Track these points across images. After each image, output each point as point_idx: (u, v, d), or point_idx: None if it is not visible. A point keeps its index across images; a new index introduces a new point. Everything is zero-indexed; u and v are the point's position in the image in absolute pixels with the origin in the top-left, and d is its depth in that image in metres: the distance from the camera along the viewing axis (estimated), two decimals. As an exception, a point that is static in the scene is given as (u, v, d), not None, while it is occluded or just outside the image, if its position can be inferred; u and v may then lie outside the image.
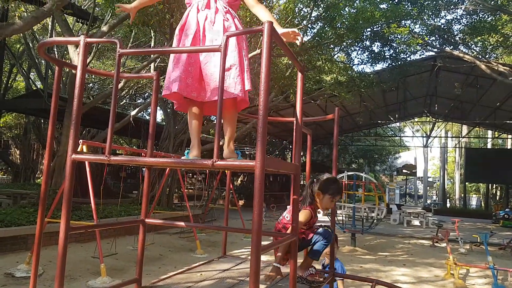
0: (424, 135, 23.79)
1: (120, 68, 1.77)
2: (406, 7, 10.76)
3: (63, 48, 13.30)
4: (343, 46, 11.40)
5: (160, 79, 2.54)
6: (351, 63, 13.29)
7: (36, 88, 13.12)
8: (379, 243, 9.09)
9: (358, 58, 13.95)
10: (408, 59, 12.87)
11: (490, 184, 24.32)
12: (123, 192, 9.89)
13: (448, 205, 26.19)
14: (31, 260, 4.56)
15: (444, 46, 12.42)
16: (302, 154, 2.65)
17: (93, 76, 15.80)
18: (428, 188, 31.45)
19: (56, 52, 13.72)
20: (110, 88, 12.66)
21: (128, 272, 4.98)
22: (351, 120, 19.71)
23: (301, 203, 2.32)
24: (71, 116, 1.82)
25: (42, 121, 15.28)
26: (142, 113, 13.45)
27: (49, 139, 2.30)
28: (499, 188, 26.63)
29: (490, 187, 25.23)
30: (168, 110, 11.67)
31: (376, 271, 6.07)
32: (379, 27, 10.59)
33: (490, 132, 24.67)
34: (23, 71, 14.44)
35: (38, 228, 2.41)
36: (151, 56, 9.32)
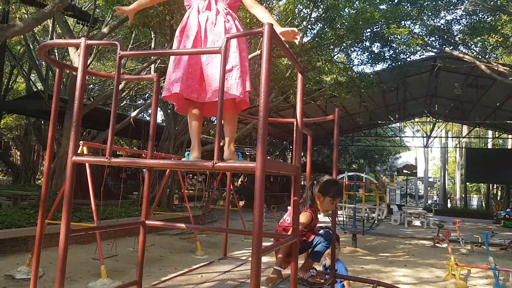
0: (425, 135, 23.77)
1: (120, 70, 1.77)
2: (406, 7, 10.76)
3: (63, 49, 13.31)
4: (343, 47, 11.40)
5: (161, 80, 2.54)
6: (351, 63, 13.29)
7: (36, 89, 13.15)
8: (380, 243, 9.08)
9: (358, 59, 13.90)
10: (408, 59, 12.87)
11: (490, 184, 24.30)
12: (123, 193, 9.89)
13: (449, 205, 26.16)
14: (32, 262, 4.56)
15: (444, 46, 12.42)
16: (302, 155, 2.65)
17: (93, 77, 15.81)
18: (428, 188, 31.43)
19: (56, 54, 13.74)
20: (111, 89, 12.67)
21: (129, 274, 4.98)
22: (351, 120, 19.71)
23: (301, 206, 2.32)
24: (71, 117, 1.82)
25: (43, 122, 15.29)
26: (142, 114, 13.45)
27: (49, 141, 2.30)
28: (499, 188, 26.62)
29: (490, 187, 25.21)
30: (169, 111, 11.68)
31: (377, 272, 6.06)
32: (379, 28, 10.59)
33: (490, 132, 24.66)
34: (24, 72, 14.46)
35: (38, 230, 2.41)
36: (152, 57, 9.33)
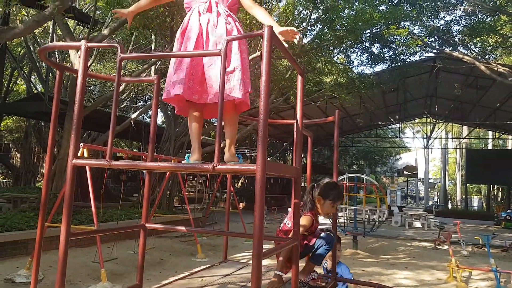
0: (425, 136, 23.76)
1: (121, 72, 1.76)
2: (405, 8, 10.77)
3: (64, 51, 13.31)
4: (342, 48, 11.40)
5: (161, 82, 2.53)
6: (351, 64, 13.30)
7: (37, 91, 13.14)
8: (381, 245, 9.06)
9: (357, 60, 14.04)
10: (408, 60, 12.87)
11: (491, 185, 24.27)
12: (123, 195, 9.86)
13: (449, 206, 26.12)
14: (32, 265, 4.54)
15: (443, 47, 12.42)
16: (302, 156, 2.65)
17: (93, 79, 15.82)
18: (429, 189, 31.38)
19: (57, 56, 13.75)
20: (111, 91, 12.66)
21: (129, 277, 4.96)
22: (351, 121, 19.70)
23: (301, 209, 2.31)
24: (72, 119, 1.81)
25: (43, 124, 15.29)
26: (142, 115, 13.45)
27: (50, 144, 2.29)
28: (500, 189, 26.58)
29: (491, 188, 25.17)
30: (169, 113, 11.67)
31: (378, 274, 6.04)
32: (378, 29, 10.59)
33: (490, 133, 24.64)
34: (24, 74, 14.46)
35: (38, 233, 2.40)
36: (152, 59, 9.34)
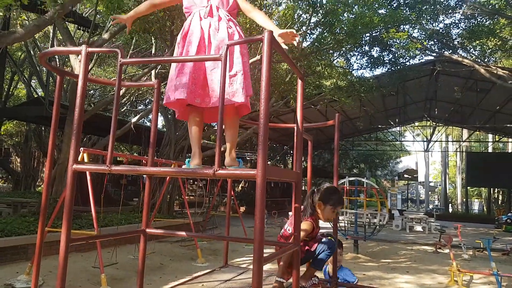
0: (425, 140, 23.75)
1: (121, 77, 1.76)
2: (405, 12, 10.82)
3: (64, 54, 13.35)
4: (342, 51, 11.44)
5: (162, 85, 2.53)
6: (351, 68, 13.33)
7: (37, 95, 13.18)
8: (381, 249, 9.03)
9: (357, 63, 14.10)
10: (407, 63, 12.92)
11: (491, 189, 24.22)
12: (123, 200, 9.85)
13: (450, 210, 26.05)
14: (31, 271, 4.52)
15: (443, 50, 12.45)
16: (303, 159, 2.65)
17: (94, 83, 15.84)
18: (429, 193, 31.29)
19: (57, 60, 13.79)
20: (111, 95, 12.69)
21: (129, 282, 4.94)
22: (351, 124, 19.71)
23: (302, 214, 2.30)
24: (72, 124, 1.81)
25: (43, 128, 15.30)
26: (143, 119, 13.46)
27: (50, 148, 2.29)
28: (501, 192, 26.53)
29: (492, 191, 25.12)
30: (169, 116, 11.68)
31: (379, 278, 6.02)
32: (378, 32, 10.64)
33: (490, 136, 24.63)
34: (24, 78, 14.50)
35: (38, 238, 2.39)
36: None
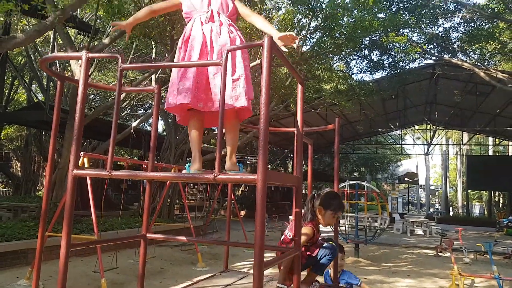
0: (425, 143, 23.74)
1: (122, 82, 1.77)
2: (404, 16, 10.86)
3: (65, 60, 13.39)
4: (342, 55, 11.47)
5: (162, 90, 2.55)
6: (351, 72, 13.37)
7: (37, 100, 13.20)
8: (382, 253, 8.99)
9: (357, 67, 14.11)
10: (407, 67, 12.95)
11: (492, 192, 24.15)
12: (124, 204, 9.83)
13: (451, 213, 25.98)
14: (32, 275, 4.51)
15: (442, 54, 12.48)
16: (303, 163, 2.65)
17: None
18: (430, 196, 31.24)
19: (57, 64, 13.83)
20: (111, 99, 12.70)
21: (129, 287, 4.92)
22: (352, 128, 19.72)
23: (302, 220, 2.30)
24: (72, 129, 1.82)
25: (43, 133, 15.31)
26: (143, 123, 13.47)
27: (50, 154, 2.29)
28: (501, 196, 26.46)
29: (492, 195, 25.06)
30: (169, 121, 11.69)
31: (380, 282, 5.99)
32: (377, 36, 10.68)
33: (491, 139, 24.62)
34: (25, 83, 14.53)
35: (39, 243, 2.39)
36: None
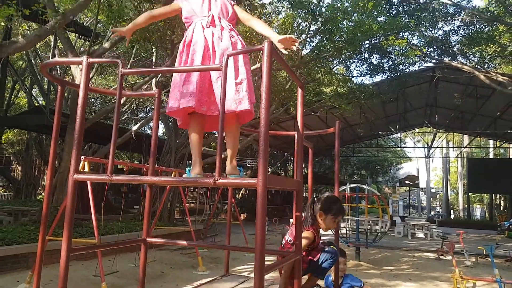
0: (426, 146, 23.72)
1: (122, 87, 1.78)
2: (404, 19, 10.90)
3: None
4: (342, 59, 11.51)
5: (163, 94, 2.55)
6: (350, 75, 13.39)
7: (38, 104, 13.24)
8: (383, 256, 8.96)
9: (357, 70, 14.18)
10: (407, 70, 12.98)
11: (493, 194, 24.10)
12: (124, 207, 9.83)
13: (452, 216, 25.91)
14: (32, 279, 4.50)
15: (442, 57, 12.51)
16: (303, 167, 2.65)
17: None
18: (431, 199, 31.18)
19: (58, 68, 13.87)
20: (112, 103, 12.73)
21: (130, 290, 4.91)
22: (352, 131, 19.73)
23: (302, 224, 2.30)
24: (73, 133, 1.83)
25: (44, 137, 15.33)
26: (143, 127, 13.48)
27: (51, 158, 2.30)
28: (502, 198, 26.39)
29: (493, 197, 25.00)
30: (170, 124, 11.70)
31: (381, 286, 5.96)
32: (377, 40, 10.71)
33: (491, 141, 24.60)
34: (25, 87, 14.57)
35: (39, 247, 2.39)
36: (152, 71, 9.39)
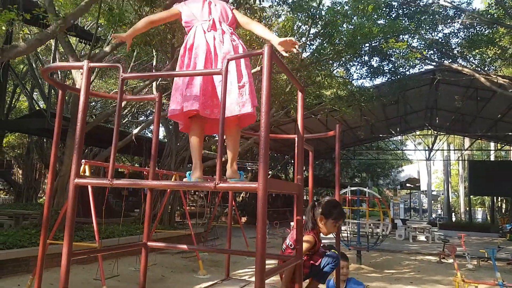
0: (426, 148, 23.70)
1: (123, 91, 1.79)
2: (404, 22, 10.92)
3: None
4: (342, 62, 11.52)
5: (163, 97, 2.56)
6: (351, 78, 13.41)
7: (39, 108, 13.27)
8: (385, 260, 8.93)
9: (357, 73, 14.20)
10: (407, 73, 12.98)
11: (494, 197, 24.02)
12: (125, 211, 9.81)
13: (453, 219, 25.83)
14: (33, 283, 4.49)
15: (442, 59, 12.52)
16: (304, 169, 2.65)
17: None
18: (432, 202, 31.10)
19: (59, 71, 13.90)
20: (112, 107, 12.76)
21: (130, 294, 4.89)
22: (352, 134, 19.72)
23: (303, 228, 2.29)
24: (73, 136, 1.83)
25: (45, 140, 15.35)
26: (144, 130, 13.50)
27: (52, 162, 2.30)
28: (504, 201, 26.31)
29: (495, 200, 24.91)
30: (170, 127, 11.72)
31: (382, 289, 5.94)
32: (377, 42, 10.74)
33: (492, 144, 24.56)
34: (26, 91, 14.61)
35: (40, 251, 2.38)
36: (153, 75, 9.41)
